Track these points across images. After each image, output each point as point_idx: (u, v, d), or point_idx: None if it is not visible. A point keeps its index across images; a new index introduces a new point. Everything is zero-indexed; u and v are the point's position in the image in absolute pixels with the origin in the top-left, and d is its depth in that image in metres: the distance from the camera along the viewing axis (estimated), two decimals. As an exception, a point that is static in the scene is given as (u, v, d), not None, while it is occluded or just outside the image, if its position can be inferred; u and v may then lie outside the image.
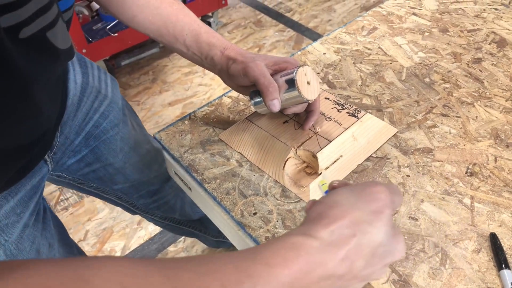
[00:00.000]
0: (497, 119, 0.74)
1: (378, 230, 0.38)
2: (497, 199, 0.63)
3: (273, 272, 0.34)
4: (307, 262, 0.35)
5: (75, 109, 0.73)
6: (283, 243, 0.36)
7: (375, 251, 0.38)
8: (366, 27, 0.96)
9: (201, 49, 0.69)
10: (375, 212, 0.39)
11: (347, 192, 0.41)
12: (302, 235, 0.37)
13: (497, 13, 0.96)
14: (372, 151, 0.69)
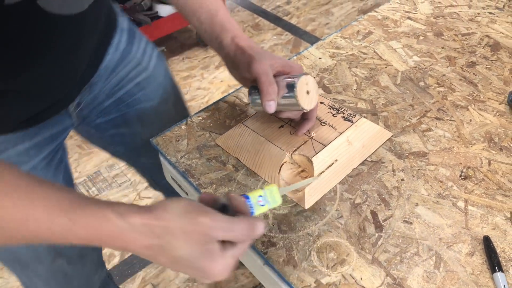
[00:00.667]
0: (491, 123, 0.74)
1: (180, 247, 0.44)
2: (490, 202, 0.63)
3: (76, 232, 0.43)
4: (106, 235, 0.43)
5: (108, 73, 0.76)
6: (98, 212, 0.43)
7: (177, 261, 0.44)
8: (362, 32, 0.97)
9: (213, 28, 0.69)
10: (186, 233, 0.44)
11: (184, 204, 0.45)
12: (116, 214, 0.43)
13: (491, 17, 0.97)
14: (367, 155, 0.70)
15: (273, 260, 0.60)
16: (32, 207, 0.42)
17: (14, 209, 0.41)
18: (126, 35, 0.77)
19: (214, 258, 0.45)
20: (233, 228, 0.45)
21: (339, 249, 0.60)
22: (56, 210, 0.42)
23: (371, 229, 0.62)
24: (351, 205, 0.65)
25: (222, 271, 0.45)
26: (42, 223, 0.42)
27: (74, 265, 0.80)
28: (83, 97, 0.73)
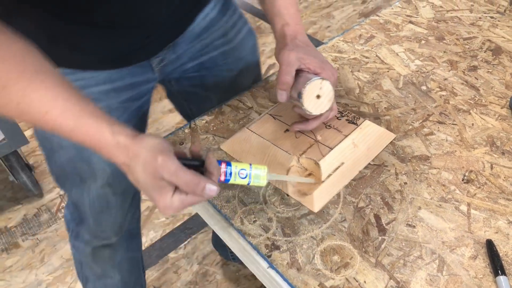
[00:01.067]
0: (493, 127, 0.75)
1: (139, 173, 0.52)
2: (493, 206, 0.64)
3: (78, 135, 0.54)
4: (98, 145, 0.54)
5: (193, 38, 0.81)
6: (98, 126, 0.53)
7: (138, 183, 0.53)
8: (364, 36, 0.97)
9: (272, 11, 0.72)
10: (145, 164, 0.51)
11: (156, 142, 0.53)
12: (110, 131, 0.53)
13: (492, 21, 0.97)
14: (372, 157, 0.70)
15: (277, 263, 0.60)
16: (52, 106, 0.52)
17: (40, 102, 0.52)
18: (219, 6, 0.83)
19: (162, 193, 0.52)
20: (178, 175, 0.51)
21: (342, 252, 0.60)
22: (68, 113, 0.52)
23: (375, 232, 0.62)
24: (354, 209, 0.65)
25: (165, 208, 0.53)
26: (56, 120, 0.52)
27: (117, 197, 0.90)
28: (166, 55, 0.80)
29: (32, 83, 0.51)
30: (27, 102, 0.51)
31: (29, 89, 0.51)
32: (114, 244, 1.02)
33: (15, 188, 1.82)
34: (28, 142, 1.57)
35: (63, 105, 0.52)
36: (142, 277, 1.19)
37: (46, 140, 0.81)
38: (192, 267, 1.52)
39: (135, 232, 1.07)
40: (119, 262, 1.06)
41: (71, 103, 0.53)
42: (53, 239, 1.63)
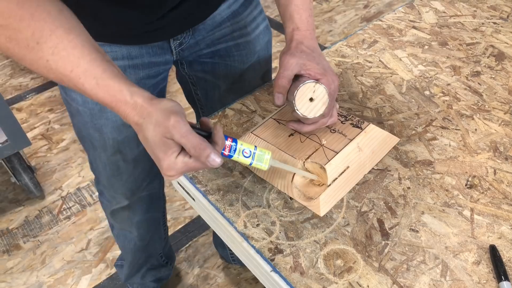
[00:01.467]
0: (496, 132, 0.75)
1: (149, 131, 0.54)
2: (496, 211, 0.64)
3: (98, 92, 0.56)
4: (116, 102, 0.56)
5: (213, 26, 0.84)
6: (118, 86, 0.55)
7: (146, 141, 0.55)
8: (367, 40, 0.98)
9: (284, 15, 0.73)
10: (157, 122, 0.53)
11: (172, 104, 0.55)
12: (129, 91, 0.55)
13: (495, 27, 0.98)
14: (377, 161, 0.71)
15: (280, 267, 0.60)
16: (77, 64, 0.55)
17: (67, 60, 0.55)
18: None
19: (167, 152, 0.54)
20: (187, 137, 0.53)
21: (346, 256, 0.60)
22: (91, 74, 0.55)
23: (378, 237, 0.62)
24: (357, 213, 0.65)
25: (169, 168, 0.54)
26: (79, 78, 0.55)
27: (128, 164, 0.95)
28: (185, 39, 0.83)
29: (62, 42, 0.54)
30: (55, 59, 0.54)
31: (59, 47, 0.54)
32: (131, 207, 1.07)
33: (16, 190, 1.82)
34: (30, 144, 1.58)
35: (87, 64, 0.55)
36: (161, 231, 1.26)
37: (68, 104, 0.86)
38: (193, 270, 1.52)
39: (156, 196, 1.13)
40: (137, 221, 1.13)
41: (95, 63, 0.56)
42: (54, 241, 1.63)
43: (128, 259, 1.28)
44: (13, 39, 0.54)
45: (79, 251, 1.59)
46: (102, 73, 0.56)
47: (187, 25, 0.81)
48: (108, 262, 1.55)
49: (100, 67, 0.56)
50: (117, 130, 0.87)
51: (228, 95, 0.94)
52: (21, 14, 0.53)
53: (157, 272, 1.35)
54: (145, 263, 1.29)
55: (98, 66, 0.56)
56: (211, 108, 0.99)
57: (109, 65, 0.57)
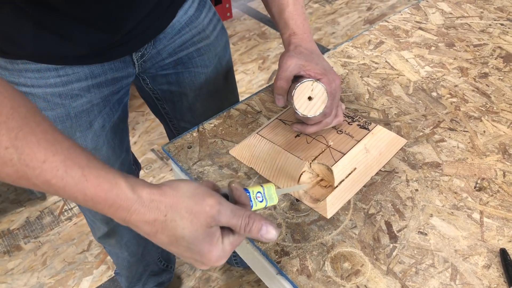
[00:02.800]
0: (505, 134, 0.74)
1: (183, 226, 0.45)
2: (506, 214, 0.63)
3: (86, 188, 0.43)
4: (113, 200, 0.44)
5: (174, 33, 0.83)
6: (112, 177, 0.44)
7: (177, 240, 0.46)
8: (373, 41, 0.97)
9: (279, 22, 0.73)
10: (192, 213, 0.45)
11: (193, 186, 0.47)
12: (127, 184, 0.44)
13: (502, 28, 0.97)
14: (384, 162, 0.70)
15: (287, 269, 0.59)
16: (53, 152, 0.42)
17: (38, 147, 0.42)
18: (197, 2, 0.85)
19: (213, 242, 0.46)
20: (239, 214, 0.46)
21: (353, 259, 0.59)
22: (73, 163, 0.43)
23: (386, 239, 0.61)
24: (365, 215, 0.64)
25: (219, 257, 0.47)
26: (57, 170, 0.42)
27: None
28: (147, 50, 0.81)
29: (27, 124, 0.42)
30: (19, 146, 0.41)
31: (25, 129, 0.41)
32: (115, 231, 1.05)
33: (18, 190, 1.81)
34: (32, 144, 1.57)
35: (66, 153, 0.43)
36: None
37: None
38: (195, 272, 1.50)
39: None
40: (126, 242, 1.12)
41: (76, 152, 0.44)
42: (55, 242, 1.62)
43: (124, 274, 1.27)
44: None
45: (80, 252, 1.58)
46: (87, 161, 0.44)
47: (148, 37, 0.79)
48: (109, 264, 1.54)
49: (83, 155, 0.44)
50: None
51: (196, 101, 0.93)
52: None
53: (158, 277, 1.34)
54: (144, 272, 1.28)
55: (81, 153, 0.44)
56: (181, 118, 0.97)
57: (90, 155, 0.45)
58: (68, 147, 0.43)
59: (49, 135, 0.43)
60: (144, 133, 2.02)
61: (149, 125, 2.07)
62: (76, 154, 0.43)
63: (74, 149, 0.44)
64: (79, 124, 0.80)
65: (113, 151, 0.89)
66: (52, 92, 0.75)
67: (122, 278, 1.33)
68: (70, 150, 0.43)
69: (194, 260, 0.48)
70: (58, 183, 0.43)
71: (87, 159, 0.44)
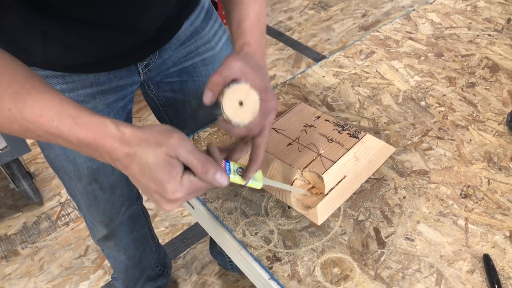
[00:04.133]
0: (490, 143, 0.76)
1: (149, 154, 0.50)
2: (490, 221, 0.65)
3: (78, 132, 0.51)
4: (101, 138, 0.51)
5: (179, 44, 0.85)
6: (100, 120, 0.52)
7: (143, 169, 0.50)
8: (364, 51, 0.99)
9: (236, 31, 0.68)
10: (158, 143, 0.50)
11: (167, 126, 0.53)
12: (113, 123, 0.52)
13: (490, 39, 1.00)
14: (373, 170, 0.72)
15: (278, 274, 0.61)
16: (47, 108, 0.51)
17: (34, 105, 0.51)
18: (203, 14, 0.86)
19: (172, 173, 0.50)
20: (194, 154, 0.51)
21: (342, 265, 0.61)
22: (66, 114, 0.51)
23: (374, 245, 0.63)
24: (354, 222, 0.66)
25: (175, 190, 0.50)
26: (52, 121, 0.51)
27: (104, 192, 0.94)
28: (152, 59, 0.83)
29: (23, 87, 0.51)
30: (19, 107, 0.51)
31: (22, 92, 0.51)
32: (114, 234, 1.07)
33: (15, 196, 1.83)
34: (30, 150, 1.58)
35: (58, 106, 0.51)
36: (151, 245, 1.27)
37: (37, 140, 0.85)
38: (191, 277, 1.52)
39: (137, 216, 1.13)
40: (124, 245, 1.14)
41: (68, 103, 0.52)
42: (52, 247, 1.63)
43: (121, 277, 1.29)
44: None
45: (77, 258, 1.60)
46: (78, 111, 0.52)
47: (154, 47, 0.81)
48: (106, 269, 1.55)
49: (74, 107, 0.52)
50: (91, 159, 0.86)
51: (199, 109, 0.94)
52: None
53: (154, 282, 1.36)
54: (141, 277, 1.29)
55: (72, 105, 0.52)
56: (184, 126, 0.99)
57: (80, 105, 0.53)
58: (61, 101, 0.52)
59: (43, 94, 0.52)
60: (141, 138, 2.04)
61: (145, 130, 2.08)
62: (68, 106, 0.52)
63: (67, 102, 0.52)
64: None
65: None
66: None
67: (119, 282, 1.34)
68: (62, 104, 0.52)
69: (157, 194, 0.52)
70: (55, 132, 0.51)
71: (78, 109, 0.52)
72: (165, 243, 1.61)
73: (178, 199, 0.51)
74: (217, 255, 1.47)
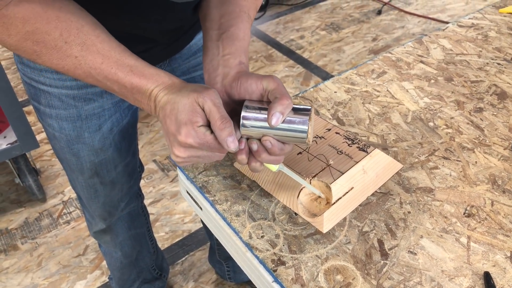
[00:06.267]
0: (495, 166, 0.78)
1: (181, 97, 0.55)
2: (492, 241, 0.66)
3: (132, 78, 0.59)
4: (158, 84, 0.58)
5: (190, 54, 0.88)
6: (156, 72, 0.59)
7: (173, 108, 0.55)
8: (376, 71, 1.02)
9: (229, 51, 0.65)
10: (193, 90, 0.55)
11: (204, 84, 0.59)
12: (167, 74, 0.59)
13: (499, 67, 1.02)
14: (380, 184, 0.74)
15: (282, 278, 0.62)
16: (108, 56, 0.58)
17: (97, 54, 0.57)
18: None
19: (192, 119, 0.54)
20: (220, 108, 0.54)
21: (345, 272, 0.63)
22: (123, 63, 0.58)
23: (377, 256, 0.65)
24: (359, 232, 0.68)
25: (188, 134, 0.54)
26: (111, 68, 0.58)
27: (105, 186, 0.97)
28: (161, 67, 0.85)
29: (89, 38, 0.57)
30: (84, 54, 0.57)
31: (87, 42, 0.57)
32: (112, 228, 1.10)
33: (19, 191, 1.84)
34: (38, 146, 1.61)
35: (119, 55, 0.58)
36: (148, 245, 1.28)
37: (45, 128, 0.89)
38: (188, 284, 1.52)
39: (136, 213, 1.15)
40: (121, 241, 1.15)
41: (126, 54, 0.58)
42: (52, 244, 1.64)
43: (116, 276, 1.30)
44: (40, 42, 0.56)
45: (76, 256, 1.60)
46: (136, 61, 0.58)
47: (164, 56, 0.84)
48: (103, 270, 1.56)
49: (132, 57, 0.59)
50: (94, 154, 0.89)
51: None
52: (47, 17, 0.55)
53: (151, 285, 1.36)
54: (137, 278, 1.30)
55: (129, 56, 0.59)
56: None
57: (137, 57, 0.59)
58: (120, 52, 0.58)
59: (105, 44, 0.58)
60: (148, 143, 2.06)
61: (153, 136, 2.11)
62: (126, 56, 0.58)
63: (125, 53, 0.59)
64: (88, 126, 0.84)
65: (119, 153, 0.93)
66: (67, 93, 0.80)
67: (114, 282, 1.34)
68: (121, 54, 0.58)
69: (172, 136, 0.56)
70: (113, 77, 0.58)
71: (136, 59, 0.59)
72: (164, 248, 1.62)
73: (187, 144, 0.55)
74: (216, 263, 1.48)
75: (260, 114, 0.57)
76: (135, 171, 1.04)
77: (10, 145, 1.55)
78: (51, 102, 0.81)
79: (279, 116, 0.55)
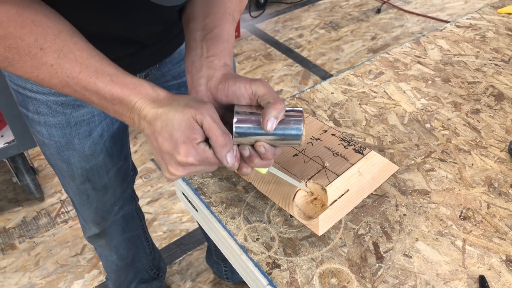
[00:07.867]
0: (492, 168, 0.78)
1: (176, 112, 0.52)
2: (487, 244, 0.66)
3: (113, 89, 0.55)
4: (136, 96, 0.54)
5: (180, 59, 0.87)
6: (136, 80, 0.55)
7: (166, 125, 0.52)
8: (373, 71, 1.02)
9: (216, 47, 0.64)
10: (188, 105, 0.53)
11: (194, 97, 0.57)
12: (149, 84, 0.55)
13: (496, 69, 1.02)
14: (376, 186, 0.73)
15: (277, 281, 0.62)
16: (86, 65, 0.54)
17: (75, 62, 0.54)
18: None
19: (191, 136, 0.52)
20: (220, 126, 0.52)
21: (340, 276, 0.63)
22: (103, 72, 0.54)
23: (372, 259, 0.65)
24: (354, 235, 0.68)
25: (188, 152, 0.52)
26: (90, 77, 0.54)
27: (97, 191, 0.95)
28: (151, 71, 0.84)
29: (67, 45, 0.54)
30: (60, 62, 0.53)
31: (65, 50, 0.53)
32: (106, 233, 1.09)
33: (17, 190, 1.84)
34: (36, 145, 1.60)
35: (98, 64, 0.54)
36: (145, 246, 1.28)
37: (34, 135, 0.87)
38: (185, 283, 1.52)
39: (130, 216, 1.14)
40: (116, 244, 1.14)
41: (106, 62, 0.55)
42: (49, 244, 1.64)
43: (112, 277, 1.30)
44: (13, 47, 0.51)
45: (74, 256, 1.60)
46: (116, 70, 0.55)
47: (154, 60, 0.82)
48: (101, 269, 1.56)
49: (111, 66, 0.55)
50: (85, 160, 0.87)
51: None
52: (22, 21, 0.51)
53: (148, 285, 1.36)
54: (134, 279, 1.30)
55: (109, 64, 0.55)
56: None
57: (117, 65, 0.56)
58: (100, 60, 0.55)
59: (84, 51, 0.54)
60: (145, 143, 2.06)
61: (150, 135, 2.10)
62: (106, 65, 0.55)
63: (105, 61, 0.55)
64: (78, 132, 0.83)
65: (110, 158, 0.92)
66: (55, 100, 0.78)
67: (110, 283, 1.35)
68: (101, 62, 0.55)
69: (168, 154, 0.53)
70: (92, 88, 0.54)
71: (115, 68, 0.55)
72: (161, 248, 1.62)
73: (187, 163, 0.52)
74: (213, 264, 1.48)
75: (253, 120, 0.56)
76: (128, 175, 1.03)
77: (7, 144, 1.55)
78: (39, 109, 0.79)
79: (273, 120, 0.54)
